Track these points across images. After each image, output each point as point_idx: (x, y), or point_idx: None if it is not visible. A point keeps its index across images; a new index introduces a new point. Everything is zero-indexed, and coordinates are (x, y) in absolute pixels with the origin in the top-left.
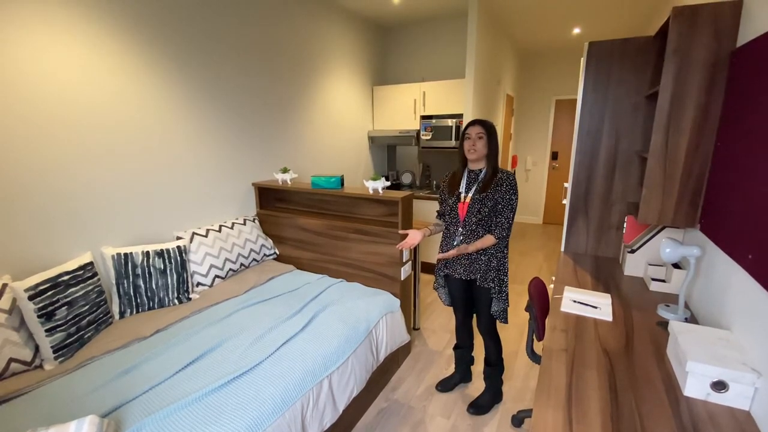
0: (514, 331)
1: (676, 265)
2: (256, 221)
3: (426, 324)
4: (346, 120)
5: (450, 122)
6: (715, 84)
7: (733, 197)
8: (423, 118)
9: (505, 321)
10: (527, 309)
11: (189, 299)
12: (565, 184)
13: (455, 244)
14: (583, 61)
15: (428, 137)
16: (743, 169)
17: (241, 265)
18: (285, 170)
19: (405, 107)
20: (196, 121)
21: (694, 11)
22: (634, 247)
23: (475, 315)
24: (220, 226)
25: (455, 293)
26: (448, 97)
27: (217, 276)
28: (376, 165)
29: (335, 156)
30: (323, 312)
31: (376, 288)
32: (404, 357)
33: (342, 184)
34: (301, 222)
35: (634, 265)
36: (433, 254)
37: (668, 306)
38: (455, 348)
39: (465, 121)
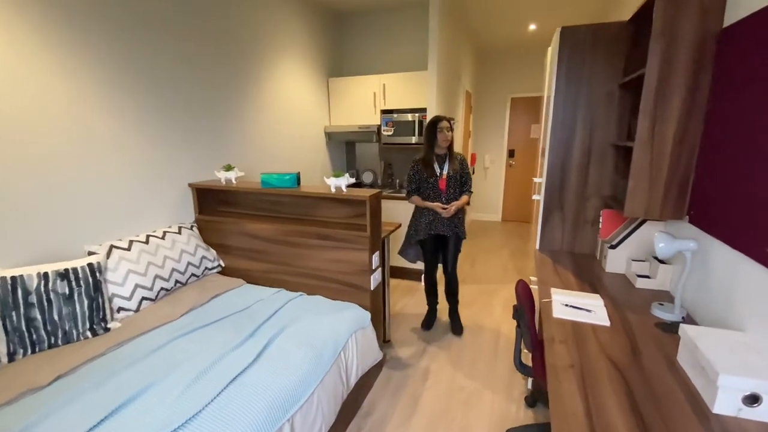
0: (488, 336)
1: (658, 260)
2: (195, 229)
3: (396, 335)
4: (299, 114)
5: (410, 117)
6: (703, 66)
7: (735, 186)
8: (383, 112)
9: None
10: (515, 317)
11: (107, 330)
12: (536, 179)
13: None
14: (553, 48)
15: (390, 133)
16: (742, 157)
17: (177, 282)
18: (229, 168)
19: (364, 101)
20: (122, 114)
21: None
22: (614, 243)
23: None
24: (148, 237)
25: (429, 249)
26: (410, 91)
27: (144, 298)
28: (334, 163)
29: (288, 153)
30: (281, 335)
31: (343, 301)
32: (376, 375)
33: (298, 183)
34: (251, 228)
35: (615, 262)
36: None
37: (662, 305)
38: (428, 293)
39: (429, 116)
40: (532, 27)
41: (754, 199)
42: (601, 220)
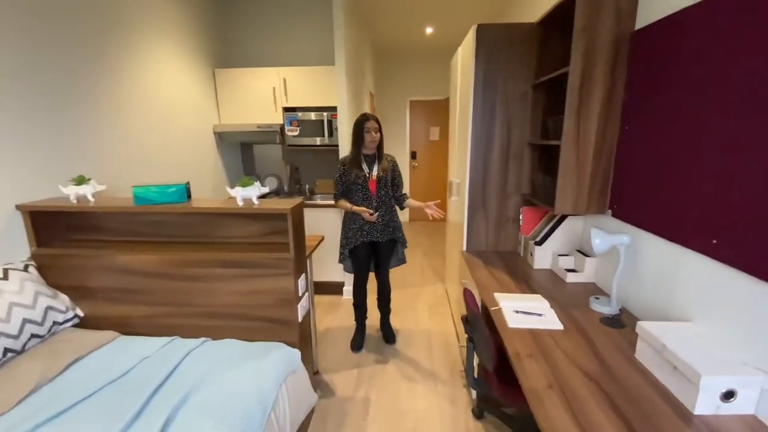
0: (420, 343)
1: (582, 253)
2: (32, 269)
3: (326, 361)
4: (179, 110)
5: (315, 116)
6: (618, 65)
7: (662, 180)
8: (286, 110)
9: (405, 261)
10: (467, 330)
11: None
12: (453, 179)
13: (375, 211)
14: (465, 48)
15: (295, 133)
16: (656, 152)
17: (7, 351)
18: (81, 181)
19: (262, 97)
20: None
21: None
22: (539, 239)
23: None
24: None
25: (363, 256)
26: (316, 87)
27: None
28: (228, 169)
29: (167, 159)
30: (183, 409)
31: (264, 341)
32: (309, 418)
33: (188, 196)
34: (122, 260)
35: (542, 258)
36: (325, 270)
37: (598, 299)
38: (357, 306)
39: (342, 115)
40: (429, 30)
41: (693, 195)
42: (521, 218)
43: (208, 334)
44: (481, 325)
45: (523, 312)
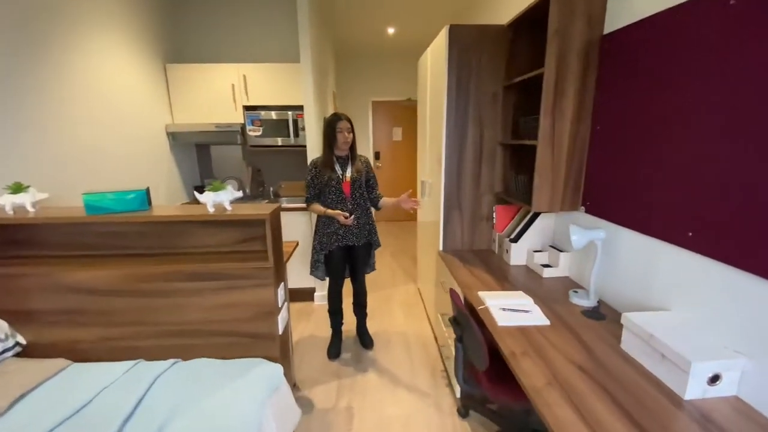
0: (398, 346)
1: (556, 249)
2: None
3: (303, 373)
4: (126, 109)
5: (276, 115)
6: (589, 67)
7: (636, 177)
8: (247, 108)
9: (374, 268)
10: (456, 331)
11: None
12: (424, 180)
13: (350, 214)
14: (435, 48)
15: (258, 133)
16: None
17: None
18: (18, 189)
19: (220, 94)
20: None
21: None
22: (513, 236)
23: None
24: None
25: (338, 262)
26: (280, 85)
27: None
28: (183, 172)
29: (114, 162)
30: None
31: (241, 357)
32: None
33: (149, 203)
34: (72, 277)
35: (517, 255)
36: (294, 276)
37: (577, 292)
38: (333, 313)
39: (308, 114)
40: (391, 30)
41: (667, 190)
42: (495, 216)
43: (177, 354)
44: (472, 325)
45: (510, 309)
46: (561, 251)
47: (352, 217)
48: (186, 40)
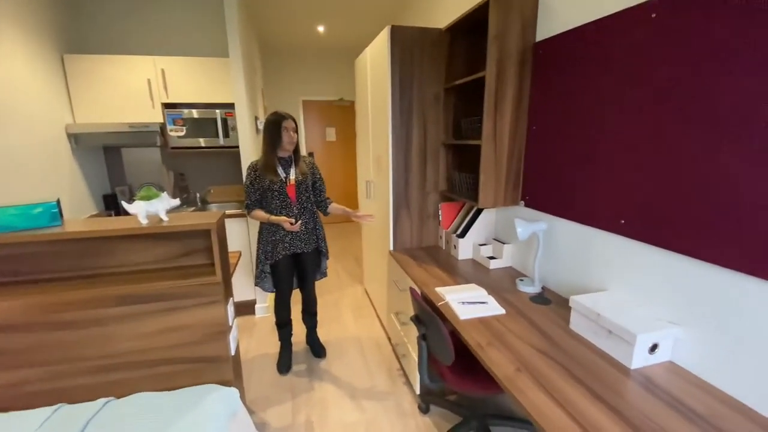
0: (351, 350)
1: (499, 241)
2: None
3: (253, 393)
4: (14, 107)
5: (204, 113)
6: (525, 71)
7: (568, 173)
8: (167, 106)
9: (326, 274)
10: (420, 329)
11: None
12: (369, 180)
13: (296, 220)
14: (377, 48)
15: (181, 134)
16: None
17: None
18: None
19: (133, 90)
20: None
21: (508, 0)
22: (459, 232)
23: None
24: None
25: (284, 272)
26: (205, 81)
27: None
28: (89, 180)
29: (2, 170)
30: None
31: (191, 385)
32: None
33: (60, 217)
34: None
35: (465, 249)
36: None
37: (522, 280)
38: (281, 326)
39: (240, 113)
40: (321, 29)
41: (601, 183)
42: (441, 214)
43: (109, 392)
44: (437, 322)
45: (469, 302)
46: (504, 243)
47: (299, 222)
48: (90, 28)
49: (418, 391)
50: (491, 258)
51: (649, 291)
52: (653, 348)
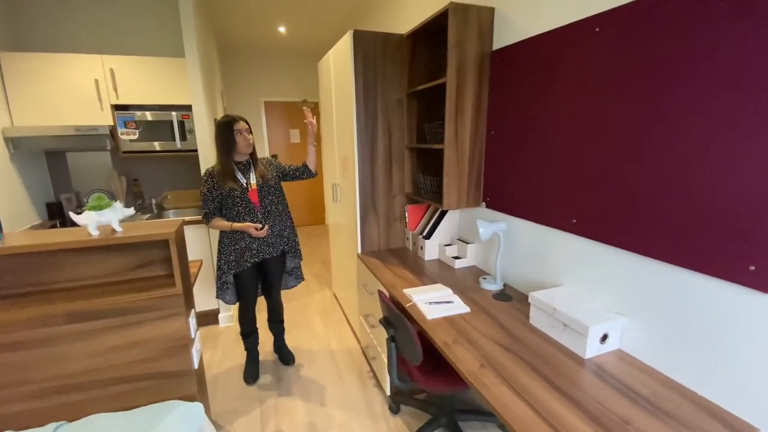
0: (321, 356)
1: (463, 241)
2: None
3: (219, 407)
4: None
5: (158, 116)
6: (483, 78)
7: (531, 178)
8: (117, 108)
9: (303, 278)
10: (389, 331)
11: None
12: (335, 183)
13: (263, 224)
14: (339, 52)
15: (133, 137)
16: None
17: None
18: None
19: (79, 91)
20: None
21: (466, 9)
22: (425, 233)
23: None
24: None
25: (249, 280)
26: (159, 82)
27: None
28: (30, 188)
29: None
30: None
31: (152, 403)
32: None
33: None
34: None
35: (431, 250)
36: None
37: (485, 278)
38: (247, 336)
39: (198, 115)
40: (282, 29)
41: (554, 185)
42: (407, 216)
43: (60, 416)
44: (406, 323)
45: (435, 302)
46: (468, 243)
47: (266, 227)
48: (29, 24)
49: (388, 392)
50: (456, 258)
51: (599, 284)
52: (604, 338)
